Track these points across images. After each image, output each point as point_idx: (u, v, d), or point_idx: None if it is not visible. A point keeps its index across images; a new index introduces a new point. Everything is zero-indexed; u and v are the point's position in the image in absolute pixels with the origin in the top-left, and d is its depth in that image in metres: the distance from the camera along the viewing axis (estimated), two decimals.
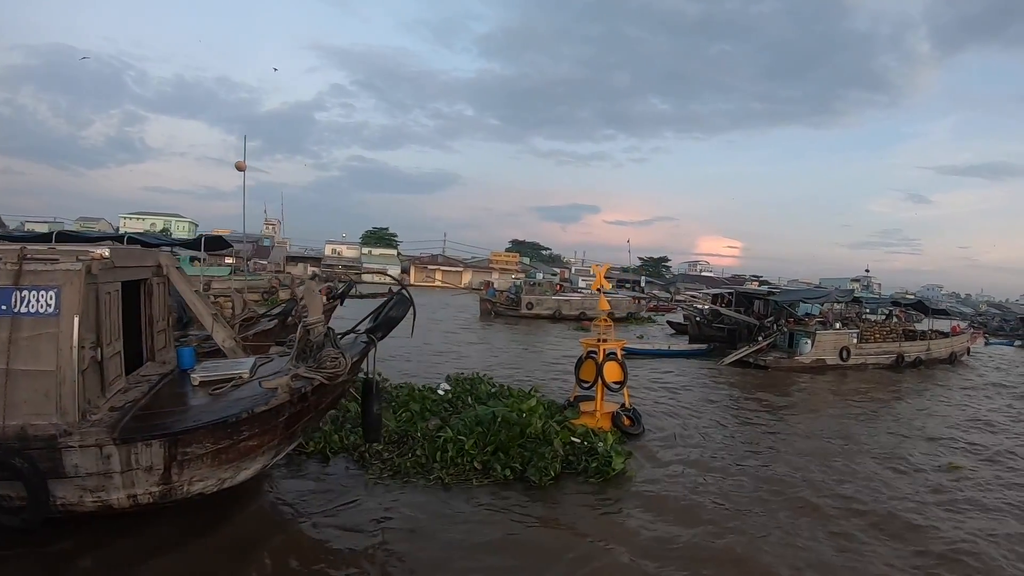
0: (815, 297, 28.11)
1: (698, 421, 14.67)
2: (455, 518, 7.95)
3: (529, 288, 45.39)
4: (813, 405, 18.16)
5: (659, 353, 26.96)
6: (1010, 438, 14.48)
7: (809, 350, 24.86)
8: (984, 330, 55.58)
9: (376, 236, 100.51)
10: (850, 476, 11.02)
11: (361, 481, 8.87)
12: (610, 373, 12.57)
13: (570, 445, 10.17)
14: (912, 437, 14.42)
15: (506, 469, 9.17)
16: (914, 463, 12.02)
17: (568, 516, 8.35)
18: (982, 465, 12.16)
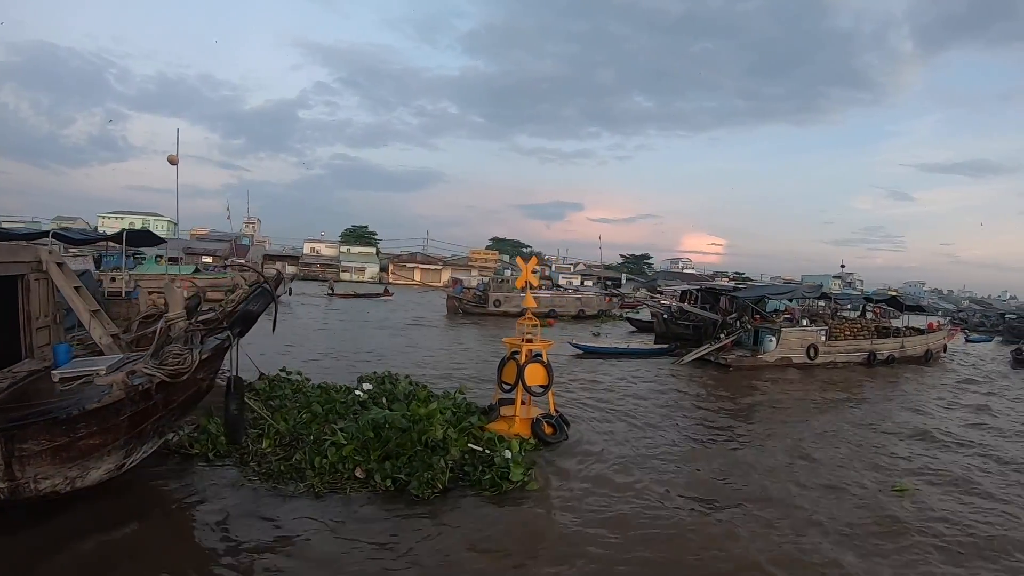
0: (780, 293, 26.48)
1: (636, 428, 13.22)
2: (297, 528, 7.18)
3: (496, 285, 43.54)
4: (766, 411, 16.42)
5: (616, 352, 25.28)
6: (967, 456, 12.65)
7: (774, 348, 23.20)
8: (964, 327, 54.29)
9: (356, 234, 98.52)
10: (783, 503, 9.32)
11: (229, 484, 8.20)
12: (533, 376, 11.35)
13: (470, 454, 9.25)
14: (864, 447, 12.82)
15: (388, 479, 8.31)
16: (860, 485, 10.33)
17: (434, 537, 7.23)
18: (930, 488, 10.41)
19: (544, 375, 11.47)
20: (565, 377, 18.70)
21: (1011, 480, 11.13)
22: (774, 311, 26.81)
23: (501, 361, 11.94)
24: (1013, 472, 11.60)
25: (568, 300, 43.90)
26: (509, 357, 11.73)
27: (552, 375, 11.64)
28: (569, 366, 21.85)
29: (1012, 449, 13.31)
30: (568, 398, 15.27)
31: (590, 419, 13.54)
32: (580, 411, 14.08)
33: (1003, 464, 12.09)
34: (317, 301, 46.10)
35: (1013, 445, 13.63)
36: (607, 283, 78.45)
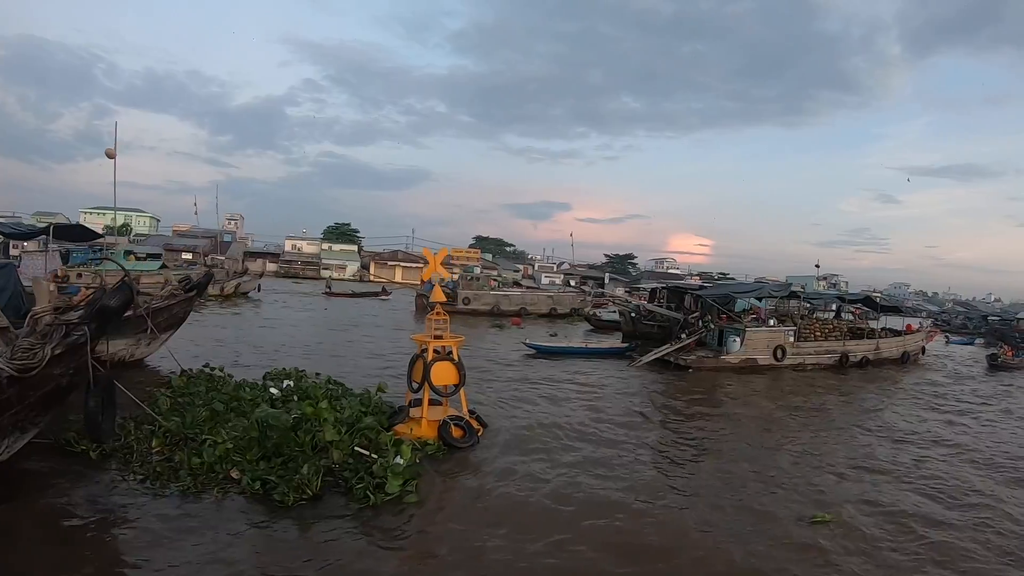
0: (745, 292, 24.84)
1: (565, 435, 11.85)
2: (149, 532, 6.63)
3: (466, 283, 42.04)
4: (714, 419, 14.81)
5: (572, 352, 23.70)
6: (913, 488, 10.14)
7: (738, 349, 21.61)
8: (946, 328, 52.93)
9: (338, 232, 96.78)
10: (695, 532, 7.79)
11: (104, 484, 7.71)
12: (441, 375, 10.54)
13: (356, 459, 8.47)
14: (801, 466, 11.21)
15: (256, 482, 7.68)
16: (772, 518, 8.59)
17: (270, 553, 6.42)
18: (862, 519, 8.60)
19: (454, 374, 10.64)
20: (509, 377, 17.83)
21: (952, 519, 8.85)
22: (743, 311, 25.24)
23: (411, 359, 10.99)
24: (958, 510, 9.28)
25: (539, 299, 42.45)
26: (419, 355, 10.80)
27: (464, 373, 10.82)
28: (518, 366, 20.50)
29: (969, 475, 11.17)
30: (503, 399, 14.44)
31: (518, 421, 12.42)
32: (510, 413, 13.15)
33: (950, 500, 9.62)
34: (301, 300, 44.32)
35: (973, 472, 11.43)
36: (587, 281, 76.85)
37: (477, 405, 12.58)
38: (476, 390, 14.86)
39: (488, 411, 12.72)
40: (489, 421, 11.89)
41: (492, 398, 14.45)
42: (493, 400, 14.21)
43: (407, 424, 10.35)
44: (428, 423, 10.20)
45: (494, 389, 15.91)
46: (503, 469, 9.43)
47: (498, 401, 14.22)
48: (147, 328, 13.88)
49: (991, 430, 15.17)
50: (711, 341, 22.63)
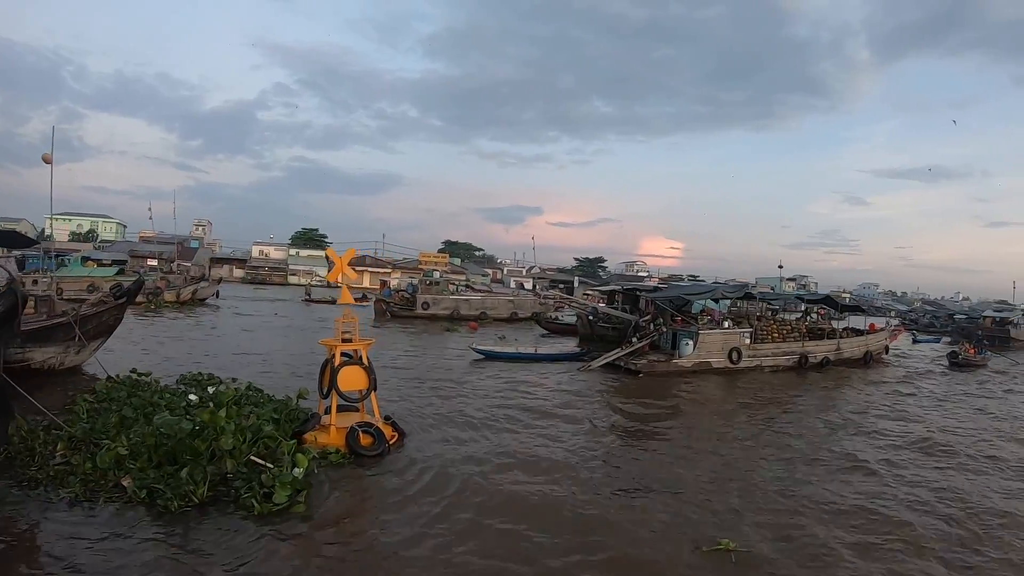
0: (698, 293, 23.79)
1: (489, 443, 11.06)
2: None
3: (425, 287, 40.97)
4: (649, 426, 13.72)
5: (521, 356, 22.50)
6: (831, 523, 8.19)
7: (691, 352, 20.51)
8: (913, 327, 52.56)
9: (306, 237, 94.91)
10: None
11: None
12: (349, 380, 10.02)
13: (249, 467, 7.95)
14: (721, 479, 10.02)
15: (143, 489, 7.37)
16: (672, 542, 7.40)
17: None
18: (770, 546, 7.36)
19: (363, 378, 10.15)
20: (446, 382, 17.01)
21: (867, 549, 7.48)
22: (700, 312, 24.22)
23: (322, 364, 10.44)
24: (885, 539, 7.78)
25: (500, 302, 41.34)
26: (329, 360, 10.25)
27: (374, 378, 10.33)
28: (461, 372, 19.40)
29: (902, 503, 9.18)
30: (434, 405, 13.75)
31: (443, 430, 11.66)
32: (437, 420, 12.39)
33: (880, 528, 8.15)
34: (261, 306, 42.70)
35: (905, 499, 9.40)
36: (558, 286, 75.75)
37: (407, 412, 12.34)
38: (407, 396, 14.41)
39: (414, 418, 12.19)
40: (411, 428, 11.28)
41: (422, 404, 13.72)
42: (422, 407, 13.48)
43: (317, 432, 9.75)
44: (336, 430, 9.63)
45: (427, 395, 14.89)
46: (408, 481, 8.75)
47: (427, 408, 13.43)
48: (75, 336, 14.02)
49: (933, 443, 14.06)
50: (665, 344, 21.54)
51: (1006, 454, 12.67)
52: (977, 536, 8.04)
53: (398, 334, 30.57)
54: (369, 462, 9.26)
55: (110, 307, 15.62)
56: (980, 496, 9.71)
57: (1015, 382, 24.54)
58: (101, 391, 11.62)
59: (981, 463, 11.84)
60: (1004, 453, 12.74)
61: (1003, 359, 30.50)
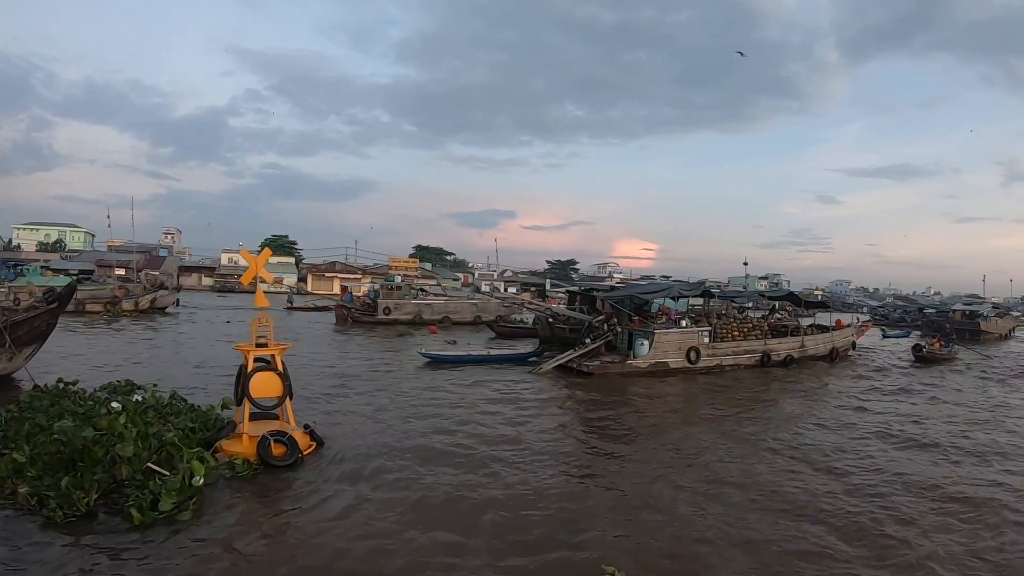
0: (652, 292, 22.75)
1: (416, 455, 10.17)
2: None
3: (387, 292, 39.80)
4: (597, 429, 12.67)
5: (471, 360, 21.40)
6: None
7: (646, 352, 19.46)
8: (884, 322, 52.14)
9: (275, 243, 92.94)
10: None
11: None
12: (261, 386, 9.59)
13: (147, 474, 7.71)
14: (630, 498, 8.97)
15: (33, 497, 7.19)
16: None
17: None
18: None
19: (277, 385, 9.72)
20: (385, 388, 16.19)
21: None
22: (657, 311, 23.19)
23: (238, 370, 10.01)
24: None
25: (463, 306, 40.09)
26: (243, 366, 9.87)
27: (289, 384, 9.88)
28: (405, 377, 18.39)
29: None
30: (364, 412, 13.06)
31: (369, 438, 11.02)
32: (365, 428, 11.75)
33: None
34: (221, 314, 41.08)
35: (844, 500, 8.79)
36: (530, 289, 74.74)
37: (336, 420, 11.97)
38: (340, 403, 13.85)
39: (342, 426, 11.66)
40: (336, 436, 10.72)
41: (354, 412, 13.09)
42: (354, 414, 12.85)
43: (231, 440, 9.32)
44: (248, 439, 9.15)
45: (362, 402, 14.09)
46: (312, 492, 8.28)
47: (359, 415, 12.74)
48: (5, 343, 13.79)
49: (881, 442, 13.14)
50: (622, 345, 20.48)
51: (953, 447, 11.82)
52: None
53: (353, 339, 29.35)
54: (280, 472, 8.79)
55: (42, 312, 15.10)
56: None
57: (975, 375, 23.84)
58: (24, 401, 11.06)
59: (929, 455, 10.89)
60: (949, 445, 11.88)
61: (972, 352, 29.87)
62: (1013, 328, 48.89)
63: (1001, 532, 7.88)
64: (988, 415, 15.80)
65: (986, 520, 8.26)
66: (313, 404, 13.32)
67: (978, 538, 7.69)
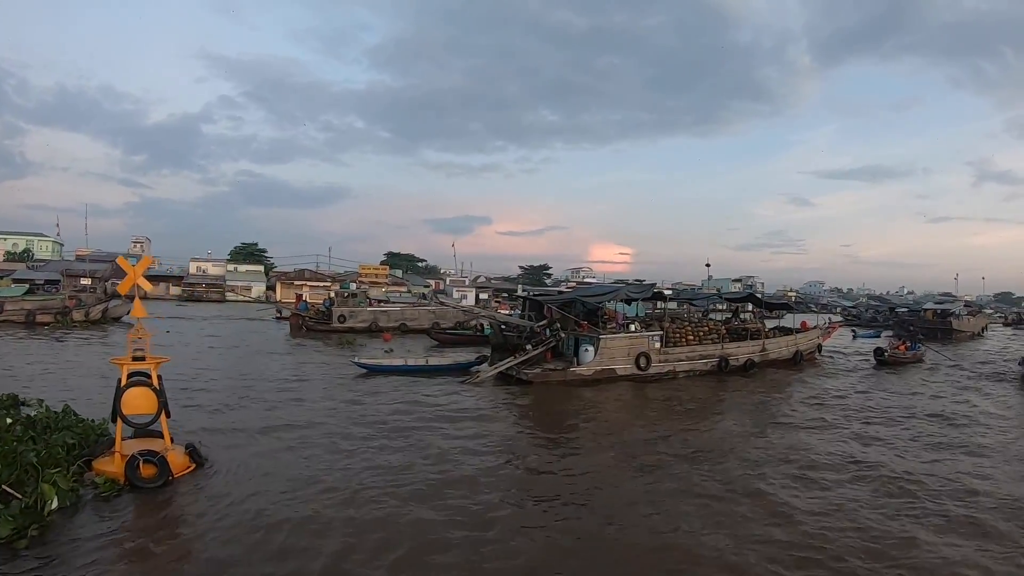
0: (594, 295, 21.14)
1: (306, 477, 9.16)
2: None
3: (341, 300, 38.22)
4: (521, 444, 11.10)
5: (408, 369, 19.89)
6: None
7: (591, 359, 17.91)
8: (854, 322, 51.06)
9: (245, 252, 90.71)
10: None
11: None
12: (134, 403, 8.80)
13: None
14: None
15: None
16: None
17: None
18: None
19: (152, 401, 8.94)
20: (298, 400, 14.92)
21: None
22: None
23: (116, 385, 9.03)
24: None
25: (420, 313, 38.42)
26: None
27: (165, 400, 9.03)
28: (333, 389, 16.84)
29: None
30: (267, 428, 11.90)
31: (267, 457, 10.08)
32: (260, 446, 10.72)
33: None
34: (179, 324, 38.97)
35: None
36: (502, 294, 73.16)
37: (235, 439, 10.94)
38: (244, 418, 12.73)
39: (240, 444, 10.67)
40: (227, 457, 9.82)
41: (258, 428, 11.90)
42: (257, 431, 11.69)
43: (105, 459, 8.67)
44: (120, 458, 8.48)
45: (271, 417, 12.87)
46: (175, 519, 7.58)
47: (258, 432, 11.59)
48: None
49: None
50: (568, 351, 18.89)
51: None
52: None
53: (300, 349, 27.53)
54: (147, 494, 8.13)
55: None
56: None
57: (939, 380, 22.08)
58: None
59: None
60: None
61: (941, 354, 28.46)
62: (985, 326, 48.05)
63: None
64: (946, 432, 13.72)
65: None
66: (216, 417, 12.49)
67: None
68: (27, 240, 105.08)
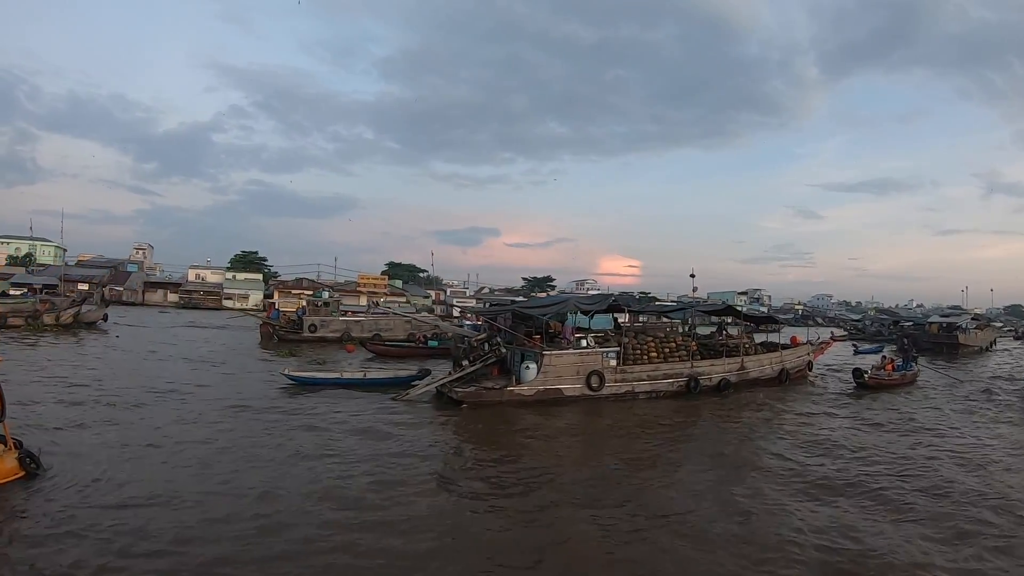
0: (539, 307, 18.78)
1: (148, 498, 8.13)
2: None
3: (313, 309, 36.81)
4: (396, 489, 8.87)
5: (343, 383, 18.09)
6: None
7: (533, 377, 15.67)
8: (859, 336, 48.33)
9: (244, 260, 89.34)
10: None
11: None
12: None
13: None
14: None
15: None
16: None
17: None
18: None
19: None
20: (212, 414, 13.58)
21: None
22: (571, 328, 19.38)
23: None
24: None
25: (395, 324, 36.40)
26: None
27: (4, 401, 8.39)
28: (252, 401, 15.36)
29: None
30: (158, 441, 10.85)
31: (120, 470, 9.10)
32: (132, 460, 9.68)
33: None
34: (151, 331, 37.48)
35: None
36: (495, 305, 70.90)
37: (104, 448, 10.15)
38: (129, 429, 11.75)
39: (98, 457, 9.67)
40: (69, 464, 9.09)
41: (130, 439, 10.98)
42: (121, 442, 10.72)
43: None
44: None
45: (144, 430, 11.71)
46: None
47: (126, 443, 10.67)
48: None
49: None
50: (515, 368, 16.65)
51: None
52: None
53: (246, 359, 25.54)
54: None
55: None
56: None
57: (930, 408, 18.18)
58: None
59: None
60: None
61: (939, 372, 25.64)
62: (994, 340, 45.03)
63: None
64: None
65: None
66: (91, 429, 11.55)
67: None
68: (30, 245, 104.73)
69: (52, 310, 35.68)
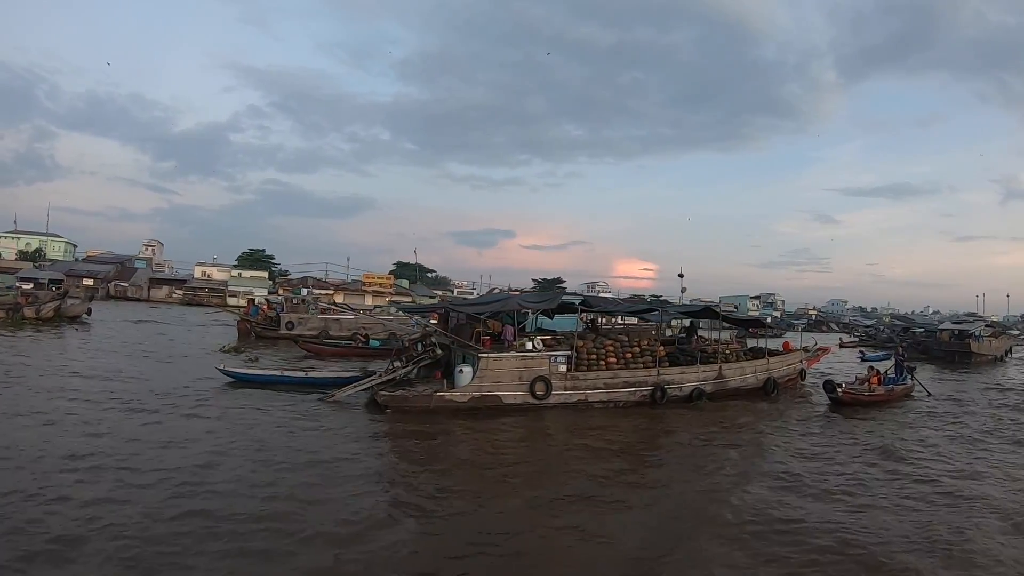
0: (485, 303, 17.18)
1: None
2: None
3: (291, 307, 36.02)
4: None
5: (282, 381, 17.01)
6: None
7: (468, 382, 13.92)
8: (869, 342, 45.85)
9: (252, 258, 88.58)
10: None
11: None
12: None
13: None
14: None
15: None
16: None
17: None
18: None
19: None
20: (129, 413, 12.61)
21: None
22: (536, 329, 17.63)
23: None
24: None
25: (376, 323, 34.96)
26: None
27: None
28: (177, 401, 14.01)
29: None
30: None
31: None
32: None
33: None
34: (133, 327, 36.55)
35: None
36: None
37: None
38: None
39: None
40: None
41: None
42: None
43: None
44: None
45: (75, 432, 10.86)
46: None
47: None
48: None
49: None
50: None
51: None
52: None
53: (209, 355, 24.07)
54: None
55: None
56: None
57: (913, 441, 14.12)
58: None
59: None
60: None
61: (936, 386, 22.98)
62: (1010, 348, 42.12)
63: None
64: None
65: None
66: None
67: None
68: (40, 240, 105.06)
69: (33, 304, 35.40)
